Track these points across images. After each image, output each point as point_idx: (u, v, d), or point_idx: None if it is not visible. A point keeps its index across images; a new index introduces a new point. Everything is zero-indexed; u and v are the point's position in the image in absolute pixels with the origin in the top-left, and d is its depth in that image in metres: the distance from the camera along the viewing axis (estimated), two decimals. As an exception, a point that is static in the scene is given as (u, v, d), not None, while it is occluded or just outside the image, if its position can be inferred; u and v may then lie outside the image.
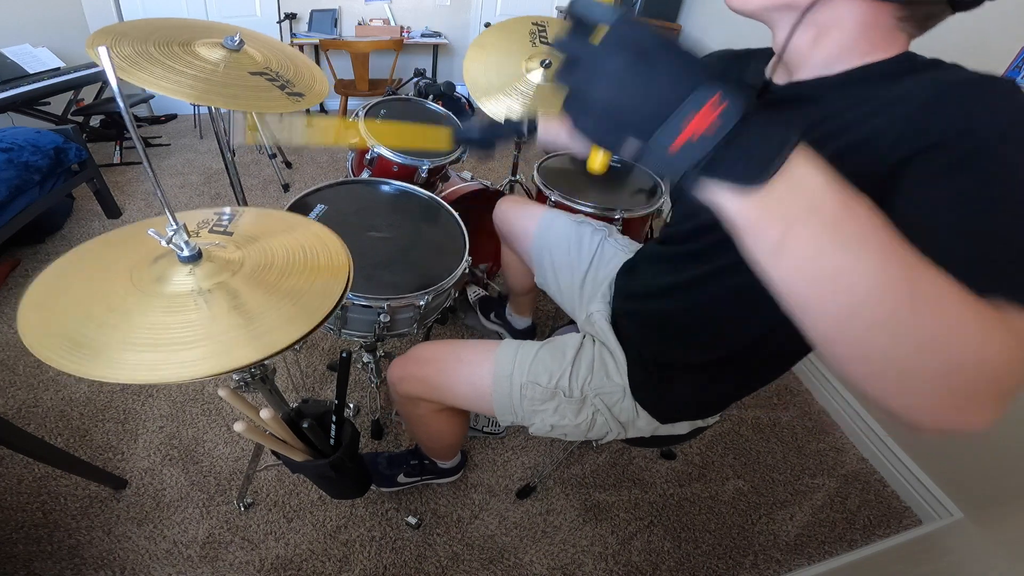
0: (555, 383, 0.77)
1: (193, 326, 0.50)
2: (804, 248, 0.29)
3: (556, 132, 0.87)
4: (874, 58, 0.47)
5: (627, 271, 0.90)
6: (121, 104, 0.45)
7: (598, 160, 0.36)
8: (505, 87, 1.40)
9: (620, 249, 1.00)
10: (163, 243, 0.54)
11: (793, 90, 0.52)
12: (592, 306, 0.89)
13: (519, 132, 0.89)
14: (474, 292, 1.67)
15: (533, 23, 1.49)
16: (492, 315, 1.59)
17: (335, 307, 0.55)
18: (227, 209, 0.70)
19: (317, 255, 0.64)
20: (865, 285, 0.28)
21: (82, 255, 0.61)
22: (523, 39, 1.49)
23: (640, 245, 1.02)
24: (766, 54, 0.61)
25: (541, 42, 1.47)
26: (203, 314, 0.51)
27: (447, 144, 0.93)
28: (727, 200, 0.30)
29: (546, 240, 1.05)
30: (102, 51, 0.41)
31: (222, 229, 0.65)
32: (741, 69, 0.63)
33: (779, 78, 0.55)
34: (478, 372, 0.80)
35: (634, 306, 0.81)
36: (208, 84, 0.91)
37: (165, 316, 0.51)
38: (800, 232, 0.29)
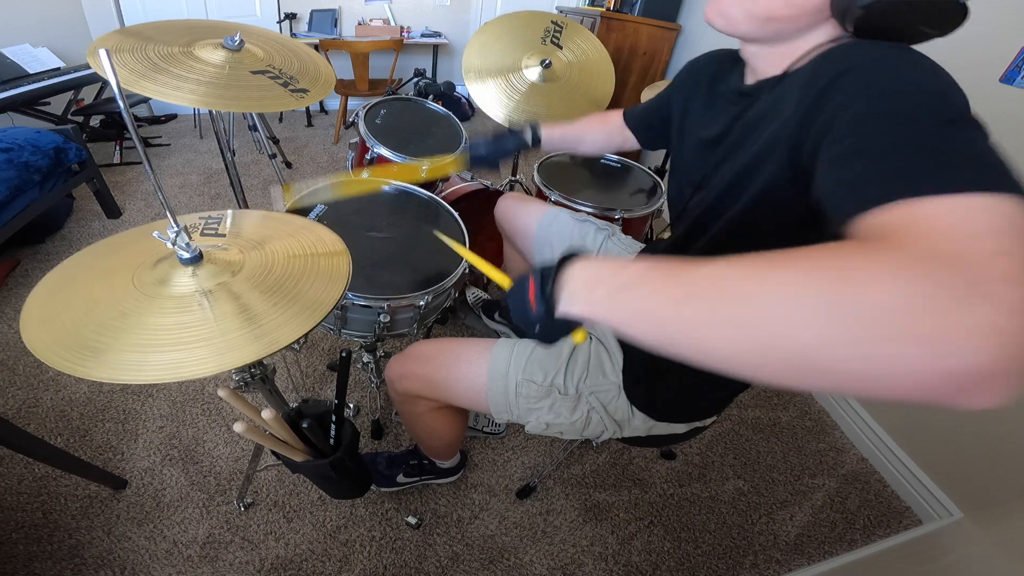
0: (550, 381, 0.76)
1: (198, 326, 0.51)
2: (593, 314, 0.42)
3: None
4: (796, 60, 0.52)
5: None
6: (123, 108, 0.45)
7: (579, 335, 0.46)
8: (499, 74, 1.39)
9: (623, 249, 1.00)
10: (168, 244, 0.55)
11: (753, 90, 0.59)
12: None
13: (523, 144, 0.93)
14: (473, 295, 1.67)
15: (552, 21, 1.48)
16: (496, 315, 1.59)
17: (339, 299, 0.57)
18: (213, 213, 0.71)
19: (315, 250, 0.65)
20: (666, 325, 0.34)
21: (78, 263, 0.61)
22: (535, 33, 1.48)
23: (642, 245, 1.02)
24: None
25: (552, 42, 1.45)
26: (208, 314, 0.52)
27: (462, 167, 0.94)
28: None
29: (548, 238, 1.05)
30: (102, 54, 0.41)
31: (212, 232, 0.67)
32: (732, 68, 0.67)
33: (749, 78, 0.62)
34: (475, 370, 0.80)
35: None
36: (210, 87, 0.90)
37: (171, 317, 0.52)
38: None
